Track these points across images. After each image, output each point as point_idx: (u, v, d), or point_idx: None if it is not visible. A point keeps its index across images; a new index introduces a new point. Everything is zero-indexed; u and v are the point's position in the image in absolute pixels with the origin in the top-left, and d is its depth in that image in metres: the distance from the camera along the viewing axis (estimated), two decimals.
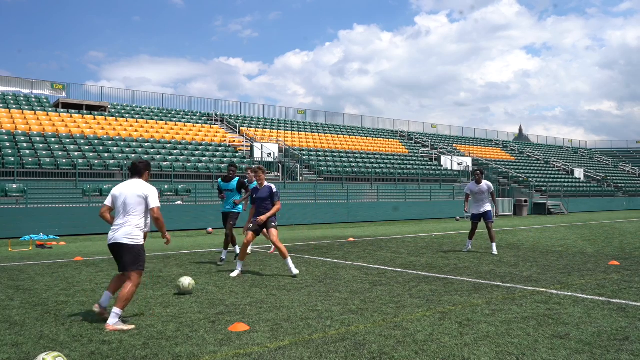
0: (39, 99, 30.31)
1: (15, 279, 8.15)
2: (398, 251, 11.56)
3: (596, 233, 16.17)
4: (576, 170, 45.83)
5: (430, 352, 4.16)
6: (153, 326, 5.06)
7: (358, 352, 4.17)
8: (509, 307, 5.71)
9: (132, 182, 5.50)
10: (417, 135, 46.09)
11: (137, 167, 5.58)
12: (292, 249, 12.26)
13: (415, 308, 5.73)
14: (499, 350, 4.17)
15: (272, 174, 28.25)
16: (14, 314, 5.67)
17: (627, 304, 5.82)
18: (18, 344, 4.54)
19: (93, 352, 4.25)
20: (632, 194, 44.43)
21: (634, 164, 56.23)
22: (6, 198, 18.60)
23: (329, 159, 32.37)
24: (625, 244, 12.52)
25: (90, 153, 23.93)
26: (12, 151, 21.80)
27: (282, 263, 9.68)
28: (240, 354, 4.15)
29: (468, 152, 43.22)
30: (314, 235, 16.77)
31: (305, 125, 40.68)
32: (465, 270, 8.56)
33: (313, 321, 5.17)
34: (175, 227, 19.60)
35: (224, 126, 34.83)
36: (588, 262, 9.32)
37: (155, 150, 26.14)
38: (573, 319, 5.17)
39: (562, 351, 4.14)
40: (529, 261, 9.62)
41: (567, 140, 62.64)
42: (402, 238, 15.19)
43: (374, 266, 9.17)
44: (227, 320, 5.23)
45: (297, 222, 23.23)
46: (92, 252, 12.21)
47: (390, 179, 31.27)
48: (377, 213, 26.35)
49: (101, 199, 20.12)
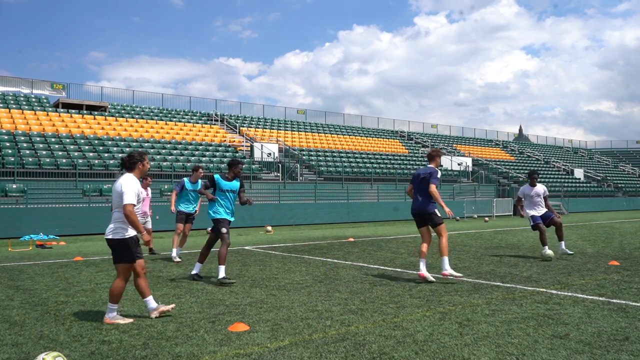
0: (39, 99, 30.31)
1: (15, 279, 8.15)
2: (398, 251, 11.56)
3: (596, 233, 16.17)
4: (576, 170, 45.83)
5: (430, 352, 4.15)
6: (153, 326, 5.06)
7: (358, 352, 4.17)
8: (509, 307, 5.71)
9: (121, 178, 5.49)
10: (417, 135, 46.09)
11: (126, 162, 5.55)
12: (292, 249, 12.27)
13: (415, 308, 5.73)
14: (499, 350, 4.17)
15: (272, 174, 28.26)
16: (14, 314, 5.67)
17: (627, 304, 5.82)
18: (18, 344, 4.53)
19: (93, 352, 4.25)
20: (632, 194, 44.43)
21: (634, 164, 56.22)
22: (6, 198, 18.60)
23: (329, 159, 32.36)
24: (625, 244, 12.52)
25: (90, 153, 23.92)
26: (12, 151, 21.80)
27: (281, 263, 9.68)
28: (240, 354, 4.15)
29: (468, 152, 43.21)
30: (314, 235, 16.77)
31: (305, 125, 40.67)
32: (465, 270, 8.56)
33: (313, 321, 5.17)
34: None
35: (224, 126, 34.82)
36: (588, 262, 9.31)
37: (155, 150, 26.14)
38: (573, 319, 5.17)
39: (562, 351, 4.13)
40: (529, 261, 9.62)
41: (567, 140, 62.68)
42: (402, 238, 15.19)
43: (374, 266, 9.17)
44: (227, 320, 5.23)
45: (297, 222, 23.23)
46: (92, 252, 12.20)
47: (390, 179, 31.27)
48: (377, 213, 26.35)
49: (101, 199, 20.12)
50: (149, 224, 11.33)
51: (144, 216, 11.22)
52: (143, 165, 5.55)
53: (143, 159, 5.57)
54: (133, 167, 5.50)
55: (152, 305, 5.44)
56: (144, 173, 5.66)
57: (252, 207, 23.00)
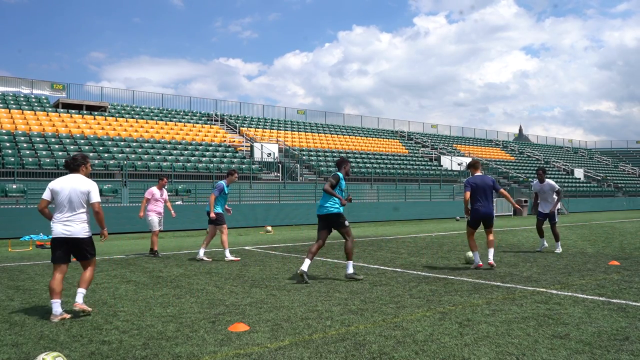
0: (39, 99, 30.31)
1: (15, 279, 8.15)
2: (398, 251, 11.56)
3: (596, 233, 16.16)
4: (576, 170, 45.84)
5: (430, 352, 4.15)
6: (153, 326, 5.06)
7: (358, 352, 4.17)
8: (509, 307, 5.71)
9: (73, 178, 5.74)
10: (417, 135, 46.09)
11: (70, 164, 5.84)
12: (292, 249, 12.27)
13: (415, 308, 5.73)
14: (499, 350, 4.17)
15: (272, 174, 28.26)
16: (14, 314, 5.67)
17: (627, 304, 5.82)
18: (18, 344, 4.53)
19: (93, 352, 4.25)
20: (632, 194, 44.42)
21: (634, 164, 56.21)
22: (6, 198, 18.60)
23: (329, 159, 32.36)
24: (625, 244, 12.52)
25: (90, 153, 23.92)
26: (12, 151, 21.80)
27: (281, 263, 9.68)
28: (240, 354, 4.15)
29: (468, 152, 43.21)
30: (314, 235, 16.75)
31: (305, 125, 40.67)
32: (465, 270, 8.56)
33: (313, 321, 5.17)
34: (175, 227, 19.60)
35: (224, 126, 34.82)
36: (588, 262, 9.31)
37: (155, 150, 26.13)
38: (573, 319, 5.17)
39: (562, 351, 4.13)
40: (529, 261, 9.62)
41: (567, 140, 62.68)
42: (402, 238, 15.19)
43: (374, 266, 9.17)
44: (227, 320, 5.23)
45: (297, 222, 23.23)
46: None
47: (390, 179, 31.26)
48: (377, 213, 26.34)
49: (101, 199, 20.11)
50: (160, 225, 11.26)
51: (159, 215, 11.21)
52: (86, 168, 5.91)
53: (86, 162, 5.92)
54: (77, 169, 5.83)
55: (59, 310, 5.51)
56: (87, 175, 5.97)
57: (252, 207, 23.03)
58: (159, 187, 11.30)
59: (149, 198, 11.13)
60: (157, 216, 11.15)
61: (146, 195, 11.23)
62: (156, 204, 11.18)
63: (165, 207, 11.47)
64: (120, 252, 11.92)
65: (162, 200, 11.33)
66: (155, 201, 11.16)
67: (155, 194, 11.17)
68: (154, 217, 11.09)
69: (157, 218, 11.14)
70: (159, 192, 11.24)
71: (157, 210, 11.18)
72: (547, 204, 11.27)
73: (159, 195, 11.23)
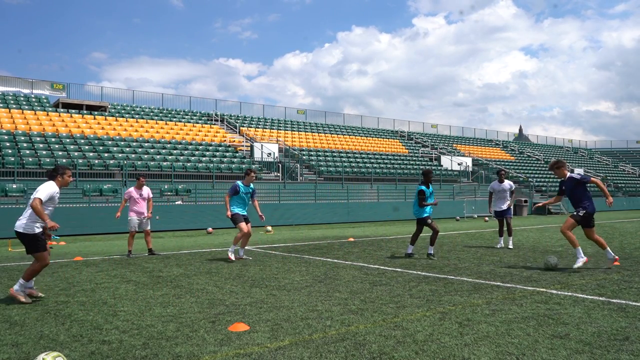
0: (39, 99, 30.31)
1: (15, 279, 8.15)
2: (398, 251, 11.55)
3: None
4: (576, 170, 45.77)
5: (430, 352, 4.15)
6: (153, 326, 5.06)
7: (358, 352, 4.17)
8: (509, 307, 5.71)
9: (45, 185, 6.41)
10: (417, 135, 46.09)
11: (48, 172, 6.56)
12: (292, 249, 12.27)
13: (415, 308, 5.73)
14: (499, 350, 4.17)
15: (272, 174, 28.26)
16: (14, 314, 5.67)
17: (627, 304, 5.81)
18: (18, 344, 4.53)
19: (93, 352, 4.25)
20: (632, 194, 44.40)
21: (634, 164, 56.21)
22: (6, 198, 18.61)
23: (329, 159, 32.36)
24: (625, 244, 12.52)
25: (90, 153, 23.93)
26: (12, 151, 21.80)
27: (281, 263, 9.68)
28: (240, 354, 4.15)
29: (468, 152, 43.22)
30: (314, 235, 16.78)
31: (305, 125, 40.67)
32: (465, 270, 8.56)
33: (313, 321, 5.17)
34: (175, 227, 19.61)
35: (224, 126, 34.82)
36: (588, 262, 9.31)
37: (155, 150, 26.13)
38: (573, 319, 5.17)
39: (562, 351, 4.13)
40: (529, 261, 9.62)
41: (567, 140, 62.68)
42: (402, 238, 15.19)
43: (374, 266, 9.16)
44: (227, 320, 5.23)
45: (297, 222, 23.24)
46: (92, 252, 12.21)
47: (390, 179, 31.27)
48: (377, 213, 26.35)
49: (101, 199, 20.12)
50: (146, 225, 11.20)
51: (140, 216, 11.11)
52: (63, 178, 6.46)
53: (64, 172, 6.48)
54: (53, 177, 6.43)
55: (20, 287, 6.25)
56: (65, 184, 6.54)
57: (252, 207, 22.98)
58: (138, 187, 11.20)
59: (127, 199, 11.10)
60: (137, 217, 11.07)
61: (124, 196, 11.21)
62: (136, 204, 11.09)
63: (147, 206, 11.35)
64: (120, 252, 11.91)
65: (144, 200, 11.22)
66: (134, 202, 11.08)
67: (134, 194, 11.10)
68: (133, 217, 11.03)
69: (137, 219, 11.06)
70: (137, 192, 11.14)
71: (137, 210, 11.08)
72: (503, 201, 12.14)
73: (138, 196, 11.13)
